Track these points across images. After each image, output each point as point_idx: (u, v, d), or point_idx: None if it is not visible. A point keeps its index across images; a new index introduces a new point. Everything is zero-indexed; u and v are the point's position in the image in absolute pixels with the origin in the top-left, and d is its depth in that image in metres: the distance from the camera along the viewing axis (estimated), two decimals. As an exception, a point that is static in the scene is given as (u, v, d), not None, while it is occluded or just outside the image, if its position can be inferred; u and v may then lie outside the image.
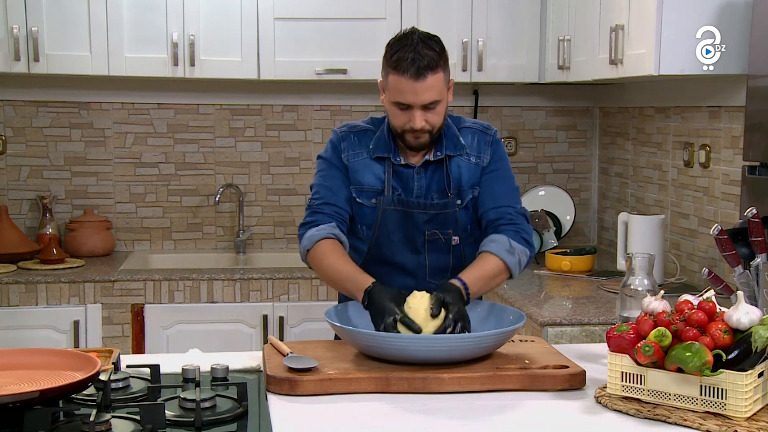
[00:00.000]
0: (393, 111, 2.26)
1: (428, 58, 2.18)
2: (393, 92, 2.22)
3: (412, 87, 2.18)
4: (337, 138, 2.39)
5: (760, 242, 2.24)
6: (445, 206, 2.33)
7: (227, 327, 3.64)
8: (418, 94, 2.19)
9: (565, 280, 3.47)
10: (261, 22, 3.80)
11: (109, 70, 3.70)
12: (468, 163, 2.35)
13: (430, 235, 2.34)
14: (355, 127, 2.40)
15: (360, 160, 2.35)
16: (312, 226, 2.30)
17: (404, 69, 2.17)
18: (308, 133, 4.23)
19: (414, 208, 2.32)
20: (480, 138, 2.39)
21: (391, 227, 2.33)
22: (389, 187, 2.32)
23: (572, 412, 1.82)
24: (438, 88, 2.20)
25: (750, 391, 1.70)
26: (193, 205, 4.19)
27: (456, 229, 2.35)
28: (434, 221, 2.33)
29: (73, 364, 1.84)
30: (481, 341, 1.97)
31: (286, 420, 1.75)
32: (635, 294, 2.10)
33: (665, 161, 3.62)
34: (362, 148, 2.36)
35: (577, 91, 4.29)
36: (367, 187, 2.34)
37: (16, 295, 3.53)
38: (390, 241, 2.34)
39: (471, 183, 2.34)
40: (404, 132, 2.26)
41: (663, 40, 2.83)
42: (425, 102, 2.20)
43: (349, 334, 2.02)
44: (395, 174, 2.33)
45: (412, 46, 2.19)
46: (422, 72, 2.17)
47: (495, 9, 3.89)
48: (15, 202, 4.05)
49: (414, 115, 2.21)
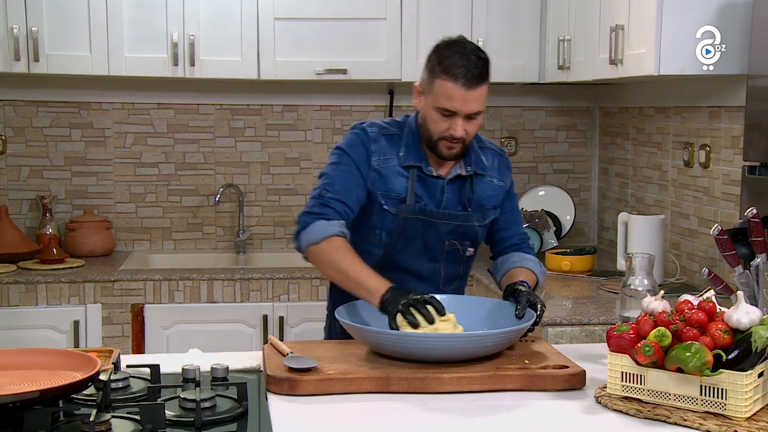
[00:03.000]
0: (434, 116, 2.23)
1: (481, 67, 2.19)
2: (439, 97, 2.19)
3: (463, 95, 2.16)
4: (368, 138, 2.33)
5: (760, 242, 2.24)
6: (467, 219, 2.35)
7: (227, 327, 3.64)
8: (467, 103, 2.18)
9: (565, 280, 3.47)
10: (261, 22, 3.80)
11: (109, 70, 3.70)
12: (491, 185, 2.39)
13: (450, 245, 2.36)
14: (385, 129, 2.35)
15: (390, 167, 2.31)
16: (321, 218, 2.24)
17: (457, 76, 2.15)
18: (308, 133, 4.23)
19: (438, 218, 2.32)
20: (500, 162, 2.44)
21: (412, 235, 2.33)
22: (412, 196, 2.31)
23: (572, 412, 1.82)
24: (484, 99, 2.22)
25: (750, 391, 1.70)
26: (193, 205, 4.19)
27: (474, 243, 2.40)
28: (456, 232, 2.35)
29: (73, 364, 1.83)
30: (489, 338, 1.98)
31: (286, 420, 1.75)
32: (635, 294, 2.10)
33: (665, 161, 3.62)
34: (392, 153, 2.32)
35: (577, 91, 4.29)
36: (395, 195, 2.31)
37: (16, 295, 3.53)
38: (408, 248, 2.34)
39: (494, 204, 2.40)
40: (440, 139, 2.24)
41: (663, 40, 2.83)
42: (472, 111, 2.20)
43: (363, 333, 2.01)
44: (421, 183, 2.32)
45: (465, 54, 2.18)
46: (475, 81, 2.17)
47: (495, 9, 3.89)
48: (15, 202, 4.05)
49: (456, 123, 2.20)
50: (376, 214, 2.32)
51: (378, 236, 2.34)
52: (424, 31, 3.85)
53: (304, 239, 2.25)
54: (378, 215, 2.32)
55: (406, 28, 3.86)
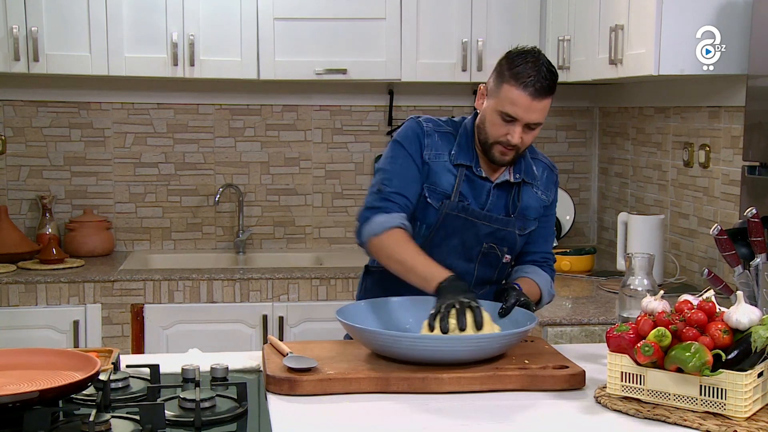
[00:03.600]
0: (494, 120, 2.24)
1: (550, 80, 2.20)
2: (503, 102, 2.20)
3: (528, 103, 2.18)
4: (422, 132, 2.34)
5: (759, 242, 2.24)
6: (508, 224, 2.36)
7: (227, 327, 3.64)
8: (530, 112, 2.19)
9: (565, 280, 3.47)
10: (261, 22, 3.80)
11: (108, 70, 3.71)
12: (536, 196, 2.40)
13: (487, 248, 2.36)
14: (440, 126, 2.37)
15: (440, 162, 2.33)
16: (382, 212, 2.26)
17: (526, 84, 2.17)
18: (308, 133, 4.23)
19: (479, 219, 2.33)
20: (548, 175, 2.45)
21: (451, 232, 2.34)
22: (457, 194, 2.32)
23: (572, 412, 1.82)
24: (546, 111, 2.23)
25: (750, 391, 1.70)
26: (193, 205, 4.19)
27: (511, 249, 2.40)
28: (495, 236, 2.35)
29: (73, 364, 1.83)
30: (493, 341, 1.97)
31: (286, 420, 1.75)
32: (635, 294, 2.10)
33: (665, 161, 3.62)
34: (444, 150, 2.34)
35: (577, 91, 4.29)
36: (440, 190, 2.32)
37: (16, 295, 3.53)
38: (445, 244, 2.33)
39: (535, 215, 2.41)
40: (495, 143, 2.26)
41: (663, 40, 2.83)
42: (532, 121, 2.21)
43: (362, 334, 2.01)
44: (468, 183, 2.33)
45: (538, 64, 2.19)
46: (543, 92, 2.18)
47: (495, 9, 3.89)
48: (15, 202, 4.05)
49: (515, 130, 2.22)
50: (419, 207, 2.34)
51: (418, 228, 2.34)
52: (424, 31, 3.85)
53: (365, 232, 2.27)
54: (421, 208, 2.34)
55: (406, 28, 3.86)
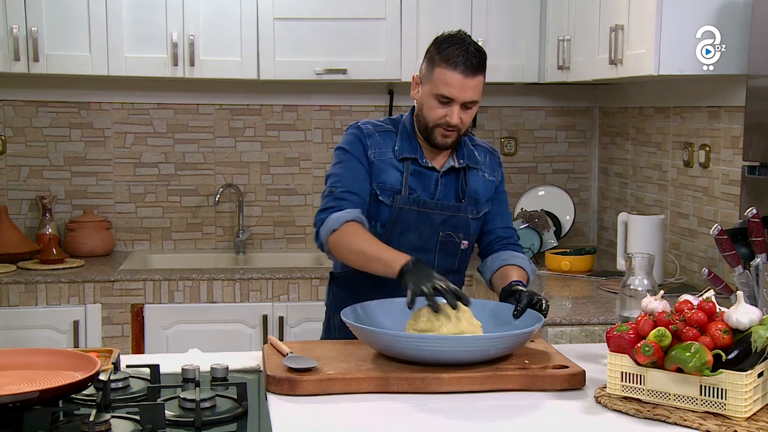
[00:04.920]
0: (431, 104, 2.31)
1: (479, 58, 2.27)
2: (437, 84, 2.27)
3: (461, 82, 2.25)
4: (363, 134, 2.41)
5: (759, 242, 2.24)
6: (459, 210, 2.41)
7: (227, 327, 3.64)
8: (464, 90, 2.26)
9: (564, 280, 3.47)
10: (261, 22, 3.80)
11: (108, 70, 3.71)
12: (483, 179, 2.47)
13: (444, 236, 2.41)
14: (379, 126, 2.44)
15: (385, 159, 2.39)
16: (335, 210, 2.30)
17: (456, 64, 2.25)
18: (308, 133, 4.23)
19: (431, 208, 2.38)
20: (491, 158, 2.52)
21: (406, 226, 2.38)
22: (406, 188, 2.38)
23: (572, 412, 1.82)
24: (480, 89, 2.31)
25: (750, 391, 1.70)
26: (193, 205, 4.19)
27: (467, 234, 2.44)
28: (449, 223, 2.41)
29: (73, 364, 1.84)
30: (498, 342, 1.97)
31: (286, 420, 1.75)
32: (635, 294, 2.10)
33: (665, 161, 3.62)
34: (387, 147, 2.40)
35: (577, 91, 4.29)
36: (389, 186, 2.38)
37: (16, 295, 3.53)
38: (403, 239, 2.37)
39: (486, 197, 2.47)
40: (436, 127, 2.32)
41: (663, 40, 2.83)
42: (468, 99, 2.28)
43: (369, 335, 2.01)
44: (416, 175, 2.39)
45: (464, 45, 2.27)
46: (472, 70, 2.26)
47: (495, 9, 3.89)
48: (15, 202, 4.05)
49: (453, 111, 2.29)
50: (371, 206, 2.38)
51: (373, 228, 2.38)
52: (424, 31, 3.85)
53: (322, 233, 2.30)
54: (373, 207, 2.38)
55: (406, 28, 3.86)
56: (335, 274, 2.54)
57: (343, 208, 2.31)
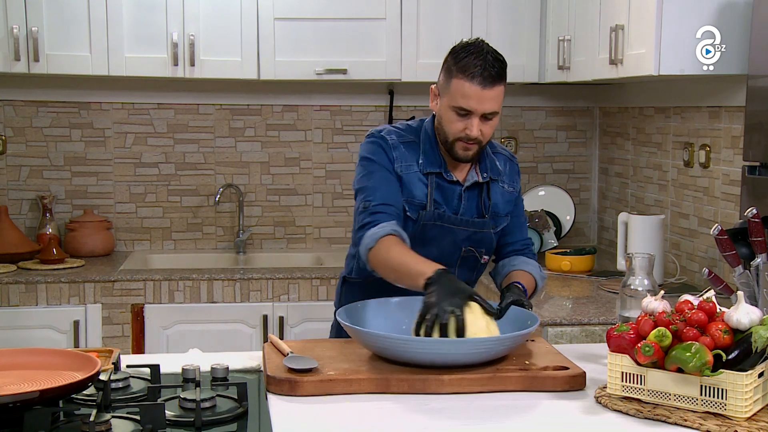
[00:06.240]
0: (449, 117, 2.23)
1: (497, 68, 2.20)
2: (455, 97, 2.20)
3: (479, 94, 2.18)
4: (388, 146, 2.32)
5: (760, 242, 2.24)
6: (483, 226, 2.36)
7: (227, 327, 3.64)
8: (483, 102, 2.19)
9: (565, 280, 3.47)
10: (261, 22, 3.80)
11: (109, 70, 3.71)
12: (503, 191, 2.41)
13: (466, 252, 2.37)
14: (402, 136, 2.35)
15: (411, 173, 2.31)
16: (371, 226, 2.22)
17: (473, 75, 2.17)
18: (308, 133, 4.23)
19: (456, 224, 2.33)
20: (510, 167, 2.46)
21: (428, 241, 2.33)
22: (431, 202, 2.31)
23: (572, 412, 1.82)
24: (500, 99, 2.23)
25: (750, 391, 1.70)
26: (193, 205, 4.19)
27: (489, 250, 2.42)
28: (472, 239, 2.36)
29: (73, 364, 1.83)
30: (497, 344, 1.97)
31: (286, 420, 1.75)
32: (635, 294, 2.09)
33: (665, 161, 3.62)
34: (412, 160, 2.32)
35: (577, 91, 4.29)
36: (417, 201, 2.31)
37: (16, 295, 3.53)
38: (424, 254, 2.29)
39: (506, 211, 2.42)
40: (456, 140, 2.25)
41: (663, 40, 2.83)
42: (487, 111, 2.21)
43: (362, 335, 2.00)
44: (439, 189, 2.32)
45: (482, 54, 2.19)
46: (491, 80, 2.18)
47: (495, 9, 3.89)
48: (15, 202, 4.05)
49: (472, 123, 2.21)
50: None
51: None
52: (424, 31, 3.85)
53: (362, 253, 2.23)
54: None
55: (406, 28, 3.86)
56: (348, 278, 2.50)
57: (378, 222, 2.22)
